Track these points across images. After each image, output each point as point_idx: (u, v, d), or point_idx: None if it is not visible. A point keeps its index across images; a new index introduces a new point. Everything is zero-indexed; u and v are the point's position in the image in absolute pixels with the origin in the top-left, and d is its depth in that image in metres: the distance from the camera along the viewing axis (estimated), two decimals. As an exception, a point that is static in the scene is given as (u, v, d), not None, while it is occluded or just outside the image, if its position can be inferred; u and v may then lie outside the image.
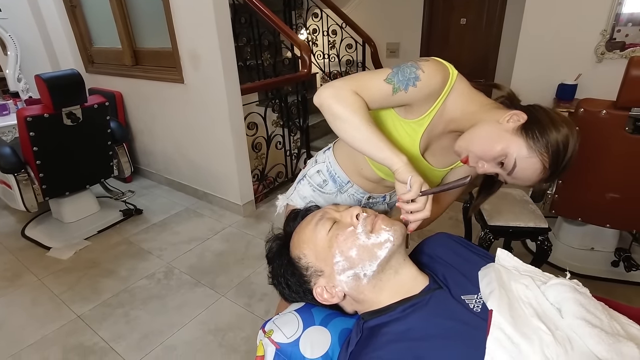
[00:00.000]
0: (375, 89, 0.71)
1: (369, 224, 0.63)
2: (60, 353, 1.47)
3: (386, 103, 0.73)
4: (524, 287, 0.56)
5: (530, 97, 2.70)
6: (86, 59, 3.02)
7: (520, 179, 0.68)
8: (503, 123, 0.68)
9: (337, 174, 0.95)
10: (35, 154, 1.93)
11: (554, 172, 0.66)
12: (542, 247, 1.57)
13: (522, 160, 0.65)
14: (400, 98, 0.71)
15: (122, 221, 2.42)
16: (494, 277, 0.58)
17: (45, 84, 1.81)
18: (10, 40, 2.82)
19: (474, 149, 0.70)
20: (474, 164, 0.71)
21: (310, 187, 0.98)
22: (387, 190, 0.99)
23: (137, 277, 1.89)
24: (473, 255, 0.70)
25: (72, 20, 2.88)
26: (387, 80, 0.71)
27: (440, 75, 0.71)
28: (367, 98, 0.71)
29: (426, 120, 0.75)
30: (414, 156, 0.81)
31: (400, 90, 0.70)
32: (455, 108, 0.74)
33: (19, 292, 1.82)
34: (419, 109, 0.75)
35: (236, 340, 1.50)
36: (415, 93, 0.70)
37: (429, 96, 0.72)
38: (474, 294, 0.59)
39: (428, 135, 0.78)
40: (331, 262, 0.62)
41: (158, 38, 2.41)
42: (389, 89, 0.71)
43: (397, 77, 0.70)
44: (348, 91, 0.69)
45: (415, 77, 0.70)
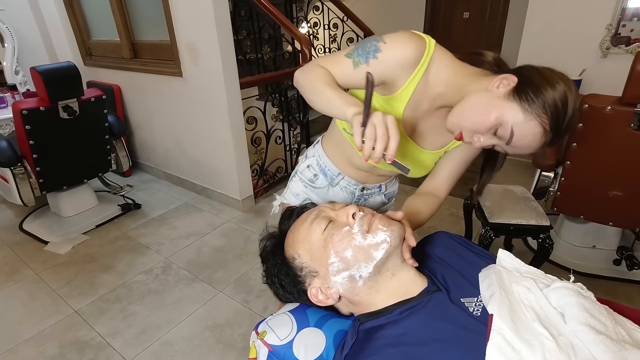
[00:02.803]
0: (338, 64, 0.70)
1: (365, 224, 0.61)
2: (57, 348, 1.46)
3: (352, 79, 0.70)
4: (525, 289, 0.55)
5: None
6: (84, 52, 2.98)
7: (521, 147, 0.63)
8: (493, 90, 0.63)
9: (327, 166, 0.92)
10: (32, 147, 1.91)
11: (556, 134, 0.61)
12: (544, 245, 1.55)
13: (520, 126, 0.60)
14: (364, 72, 0.68)
15: (120, 216, 2.40)
16: (494, 279, 0.56)
17: (41, 76, 1.78)
18: (8, 32, 2.79)
19: (466, 123, 0.65)
20: (470, 139, 0.66)
21: (302, 183, 0.96)
22: (381, 180, 0.96)
23: (135, 272, 1.88)
24: (473, 255, 0.68)
25: (70, 12, 2.84)
26: (347, 55, 0.69)
27: (409, 46, 0.66)
28: (333, 74, 0.70)
29: (405, 94, 0.70)
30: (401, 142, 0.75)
31: (362, 64, 0.67)
32: (439, 81, 0.69)
33: (17, 286, 1.81)
34: (394, 84, 0.70)
35: (233, 337, 1.49)
36: (378, 65, 0.67)
37: (399, 68, 0.67)
38: (473, 297, 0.57)
39: (412, 113, 0.74)
40: (326, 262, 0.60)
41: (156, 30, 2.37)
42: (349, 63, 0.69)
43: (358, 51, 0.68)
44: (312, 65, 0.70)
45: (375, 49, 0.66)
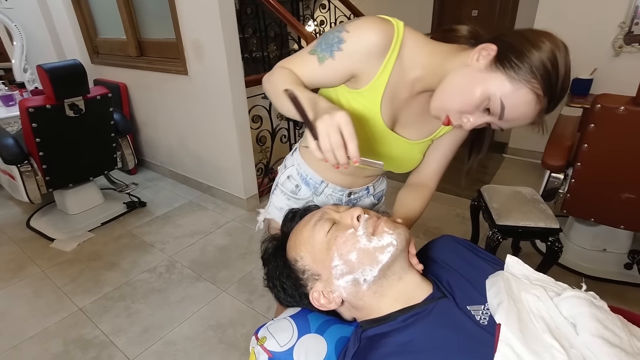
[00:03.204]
0: (303, 63, 0.67)
1: (370, 226, 0.59)
2: (61, 346, 1.47)
3: (320, 76, 0.66)
4: (535, 298, 0.52)
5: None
6: (91, 50, 3.00)
7: (516, 119, 0.57)
8: (472, 64, 0.58)
9: (308, 175, 0.86)
10: (38, 145, 1.92)
11: (552, 98, 0.56)
12: (553, 248, 1.51)
13: (509, 96, 0.55)
14: (331, 67, 0.64)
15: (125, 213, 2.41)
16: (502, 286, 0.54)
17: (47, 74, 1.79)
18: (16, 30, 2.81)
19: (451, 105, 0.61)
20: (458, 122, 0.61)
21: (285, 196, 0.89)
22: (367, 181, 0.90)
23: (139, 270, 1.89)
24: (480, 260, 0.66)
25: (78, 10, 2.86)
26: (312, 52, 0.66)
27: (374, 32, 0.61)
28: (300, 75, 0.67)
29: (379, 84, 0.66)
30: (381, 132, 0.71)
31: (327, 59, 0.64)
32: (415, 64, 0.65)
33: (22, 283, 1.82)
34: (365, 75, 0.66)
35: (236, 337, 1.48)
36: (344, 57, 0.63)
37: (367, 57, 0.63)
38: (480, 305, 0.55)
39: (391, 103, 0.69)
40: (329, 265, 0.59)
41: (162, 28, 2.37)
42: (314, 60, 0.65)
43: (321, 45, 0.65)
44: (277, 68, 0.67)
45: (339, 40, 0.63)
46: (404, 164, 0.81)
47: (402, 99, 0.70)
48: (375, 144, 0.73)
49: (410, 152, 0.78)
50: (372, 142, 0.73)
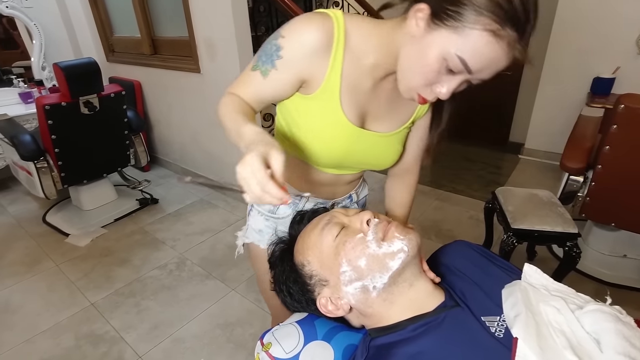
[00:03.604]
0: (247, 82, 0.64)
1: (380, 231, 0.57)
2: (73, 340, 1.49)
3: (268, 90, 0.63)
4: (554, 310, 0.49)
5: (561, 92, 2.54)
6: (107, 48, 3.04)
7: (488, 66, 0.50)
8: (414, 31, 0.53)
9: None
10: (54, 142, 1.95)
11: (516, 24, 0.47)
12: (570, 253, 1.46)
13: (464, 48, 0.48)
14: (276, 78, 0.61)
15: (138, 210, 2.44)
16: (519, 297, 0.51)
17: (63, 72, 1.81)
18: (35, 28, 2.87)
19: (415, 82, 0.55)
20: (433, 95, 0.56)
21: (262, 217, 0.81)
22: (350, 188, 0.84)
23: (150, 267, 1.90)
24: (496, 268, 0.63)
25: (94, 9, 2.90)
26: (254, 68, 0.62)
27: (310, 29, 0.58)
28: (247, 96, 0.64)
29: (332, 83, 0.61)
30: (349, 133, 0.66)
31: (270, 70, 0.60)
32: (367, 51, 0.61)
33: (36, 278, 1.86)
34: (315, 77, 0.61)
35: (244, 337, 1.48)
36: (286, 64, 0.59)
37: (309, 58, 0.59)
38: (496, 316, 0.53)
39: (354, 99, 0.64)
40: (337, 271, 0.57)
41: (176, 26, 2.38)
42: (257, 76, 0.62)
43: (261, 58, 0.61)
44: (224, 96, 0.64)
45: (277, 48, 0.59)
46: (384, 160, 0.75)
47: (365, 90, 0.65)
48: (346, 146, 0.68)
49: (388, 146, 0.73)
50: (343, 145, 0.67)
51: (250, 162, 0.47)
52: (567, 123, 2.57)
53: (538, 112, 2.95)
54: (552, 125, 2.88)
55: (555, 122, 2.85)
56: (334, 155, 0.68)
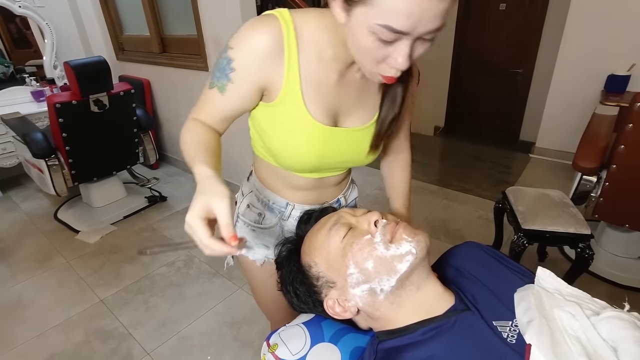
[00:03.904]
0: (206, 103, 0.62)
1: (388, 233, 0.55)
2: (83, 336, 1.51)
3: (229, 106, 0.61)
4: (569, 316, 0.48)
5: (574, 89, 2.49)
6: (117, 47, 3.06)
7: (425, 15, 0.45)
8: (341, 20, 0.51)
9: (270, 199, 0.76)
10: (65, 139, 1.97)
11: None
12: (583, 255, 1.43)
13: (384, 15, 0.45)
14: (234, 91, 0.59)
15: (146, 207, 2.46)
16: (532, 302, 0.50)
17: (73, 70, 1.83)
18: (47, 28, 2.90)
19: (369, 65, 0.53)
20: (393, 70, 0.52)
21: (248, 228, 0.78)
22: (337, 191, 0.80)
23: (158, 264, 1.92)
24: (507, 271, 0.61)
25: (105, 8, 2.92)
26: (210, 86, 0.61)
27: (258, 34, 0.56)
28: (209, 117, 0.62)
29: (292, 85, 0.59)
30: (322, 134, 0.63)
31: (226, 86, 0.59)
32: (322, 45, 0.59)
33: (47, 273, 1.88)
34: (273, 82, 0.59)
35: (251, 335, 1.48)
36: (241, 76, 0.58)
37: (261, 63, 0.57)
38: (508, 320, 0.51)
39: (320, 97, 0.61)
40: (344, 273, 0.56)
41: (184, 25, 2.39)
42: (215, 93, 0.60)
43: (215, 74, 0.60)
44: (185, 124, 0.62)
45: (228, 61, 0.58)
46: (364, 155, 0.71)
47: (331, 85, 0.62)
48: (319, 148, 0.65)
49: (365, 139, 0.69)
50: (315, 147, 0.64)
51: (189, 222, 0.47)
52: (580, 121, 2.52)
53: (550, 110, 2.89)
54: (564, 124, 2.83)
55: (568, 120, 2.80)
56: (308, 159, 0.65)
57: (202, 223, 0.47)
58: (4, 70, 3.02)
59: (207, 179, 0.51)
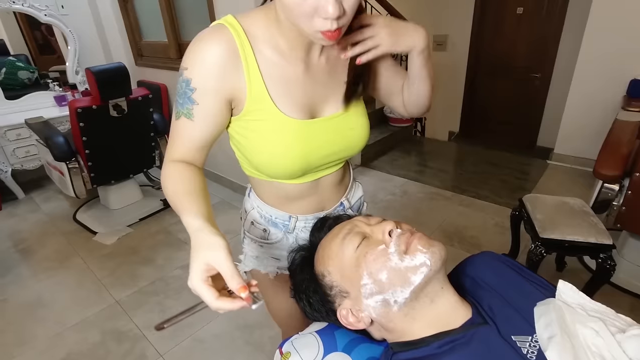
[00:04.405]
0: (178, 134, 0.60)
1: (403, 243, 0.55)
2: (99, 336, 1.54)
3: (202, 130, 0.59)
4: (593, 333, 0.46)
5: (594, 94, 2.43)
6: (136, 52, 3.14)
7: None
8: None
9: (272, 215, 0.74)
10: (85, 143, 2.03)
11: None
12: (604, 266, 1.38)
13: None
14: (202, 113, 0.57)
15: (161, 210, 2.50)
16: (554, 317, 0.48)
17: (94, 77, 1.88)
18: (71, 35, 3.00)
19: (304, 24, 0.51)
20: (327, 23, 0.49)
21: (256, 244, 0.78)
22: (339, 194, 0.77)
23: (173, 266, 1.94)
24: (526, 283, 0.60)
25: (125, 16, 3.01)
26: (177, 116, 0.59)
27: (208, 46, 0.55)
28: (185, 150, 0.60)
29: (256, 87, 0.57)
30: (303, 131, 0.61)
31: (192, 109, 0.57)
32: (274, 39, 0.58)
33: (67, 273, 1.93)
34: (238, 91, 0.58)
35: (262, 339, 1.48)
36: (203, 93, 0.56)
37: (222, 75, 0.55)
38: (527, 335, 0.50)
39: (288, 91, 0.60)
40: (358, 283, 0.55)
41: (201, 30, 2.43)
42: (185, 122, 0.58)
43: (179, 102, 0.58)
44: (163, 168, 0.61)
45: (186, 83, 0.56)
46: (352, 141, 0.68)
47: (299, 78, 0.61)
48: (302, 146, 0.62)
49: (349, 123, 0.67)
50: (297, 146, 0.62)
51: (193, 288, 0.46)
52: (600, 127, 2.45)
53: (569, 115, 2.82)
54: (583, 130, 2.76)
55: (587, 126, 2.73)
56: (293, 162, 0.62)
57: (205, 286, 0.46)
58: (29, 76, 3.13)
59: (198, 232, 0.50)
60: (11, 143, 2.59)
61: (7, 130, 2.55)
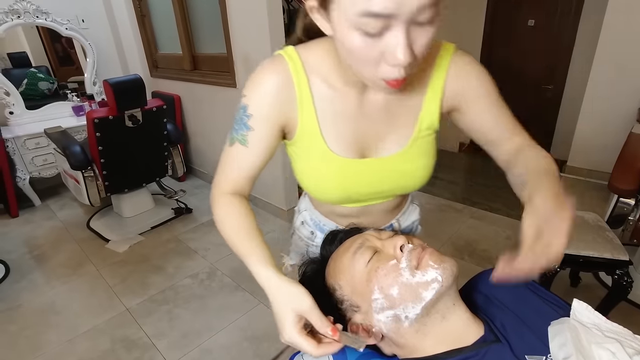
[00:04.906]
0: (231, 161, 0.61)
1: (414, 259, 0.55)
2: (109, 344, 1.55)
3: (256, 156, 0.60)
4: (609, 354, 0.45)
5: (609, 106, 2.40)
6: (151, 64, 3.23)
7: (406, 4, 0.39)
8: (327, 30, 0.48)
9: (321, 221, 0.77)
10: (100, 153, 2.08)
11: None
12: (620, 282, 1.35)
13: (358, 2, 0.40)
14: (257, 139, 0.59)
15: (173, 219, 2.53)
16: (569, 337, 0.47)
17: (111, 88, 1.94)
18: (90, 48, 3.11)
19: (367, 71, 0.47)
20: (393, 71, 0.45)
21: (303, 242, 0.83)
22: (390, 217, 0.76)
23: (182, 275, 1.96)
24: (540, 301, 0.59)
25: (142, 28, 3.10)
26: (231, 142, 0.60)
27: (266, 76, 0.57)
28: (236, 178, 0.61)
29: (308, 120, 0.58)
30: (345, 169, 0.60)
31: (247, 135, 0.58)
32: (330, 73, 0.57)
33: (80, 280, 1.96)
34: (291, 121, 0.59)
35: (270, 351, 1.48)
36: (258, 120, 0.58)
37: (276, 103, 0.57)
38: (541, 355, 0.49)
39: (340, 127, 0.59)
40: (369, 298, 0.55)
41: (215, 43, 2.50)
42: (239, 149, 0.60)
43: (234, 127, 0.60)
44: (215, 198, 0.62)
45: (244, 109, 0.58)
46: (407, 182, 0.65)
47: (352, 114, 0.59)
48: (348, 182, 0.62)
49: (405, 165, 0.63)
50: (342, 182, 0.62)
51: (291, 342, 0.48)
52: (615, 140, 2.40)
53: (582, 127, 2.79)
54: (597, 142, 2.71)
55: (602, 138, 2.68)
56: (334, 193, 0.64)
57: (303, 337, 0.48)
58: (49, 87, 3.24)
59: (273, 282, 0.52)
60: (30, 152, 2.67)
61: (27, 140, 2.64)
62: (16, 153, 2.61)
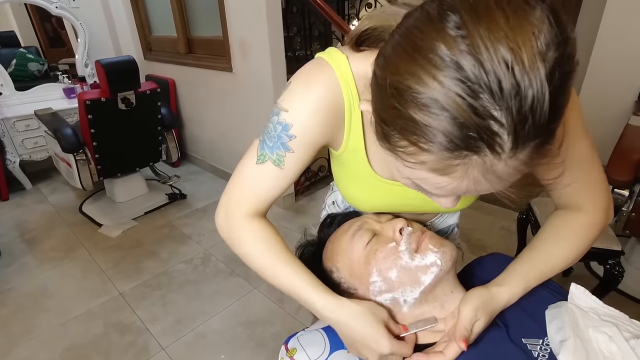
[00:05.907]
0: (259, 182, 0.53)
1: (414, 242, 0.54)
2: (102, 327, 1.55)
3: (289, 178, 0.52)
4: (606, 337, 0.45)
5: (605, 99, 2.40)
6: (145, 47, 3.15)
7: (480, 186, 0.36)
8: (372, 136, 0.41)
9: (349, 208, 0.76)
10: (93, 135, 2.04)
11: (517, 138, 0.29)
12: (612, 272, 1.37)
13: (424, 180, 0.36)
14: (295, 161, 0.51)
15: (167, 204, 2.51)
16: (566, 320, 0.47)
17: (104, 69, 1.89)
18: (81, 27, 3.02)
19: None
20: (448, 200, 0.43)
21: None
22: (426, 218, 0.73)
23: (176, 260, 1.95)
24: (538, 286, 0.59)
25: (135, 9, 3.01)
26: (260, 160, 0.52)
27: (312, 91, 0.47)
28: (259, 199, 0.54)
29: (354, 139, 0.52)
30: (387, 190, 0.57)
31: (284, 157, 0.50)
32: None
33: (72, 264, 1.94)
34: (336, 137, 0.52)
35: (265, 335, 1.48)
36: (303, 141, 0.49)
37: (325, 121, 0.48)
38: (538, 339, 0.49)
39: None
40: (367, 281, 0.55)
41: (211, 26, 2.44)
42: (271, 169, 0.51)
43: (266, 145, 0.51)
44: (237, 221, 0.55)
45: (284, 127, 0.48)
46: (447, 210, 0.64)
47: None
48: (388, 202, 0.60)
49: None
50: (384, 202, 0.60)
51: (391, 349, 0.48)
52: (611, 132, 2.41)
53: (579, 120, 2.79)
54: (594, 134, 2.65)
55: (598, 131, 2.69)
56: (376, 209, 0.63)
57: (400, 343, 0.50)
58: (38, 68, 3.16)
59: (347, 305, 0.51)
60: (20, 134, 2.61)
61: (16, 121, 2.58)
62: (5, 135, 2.56)
